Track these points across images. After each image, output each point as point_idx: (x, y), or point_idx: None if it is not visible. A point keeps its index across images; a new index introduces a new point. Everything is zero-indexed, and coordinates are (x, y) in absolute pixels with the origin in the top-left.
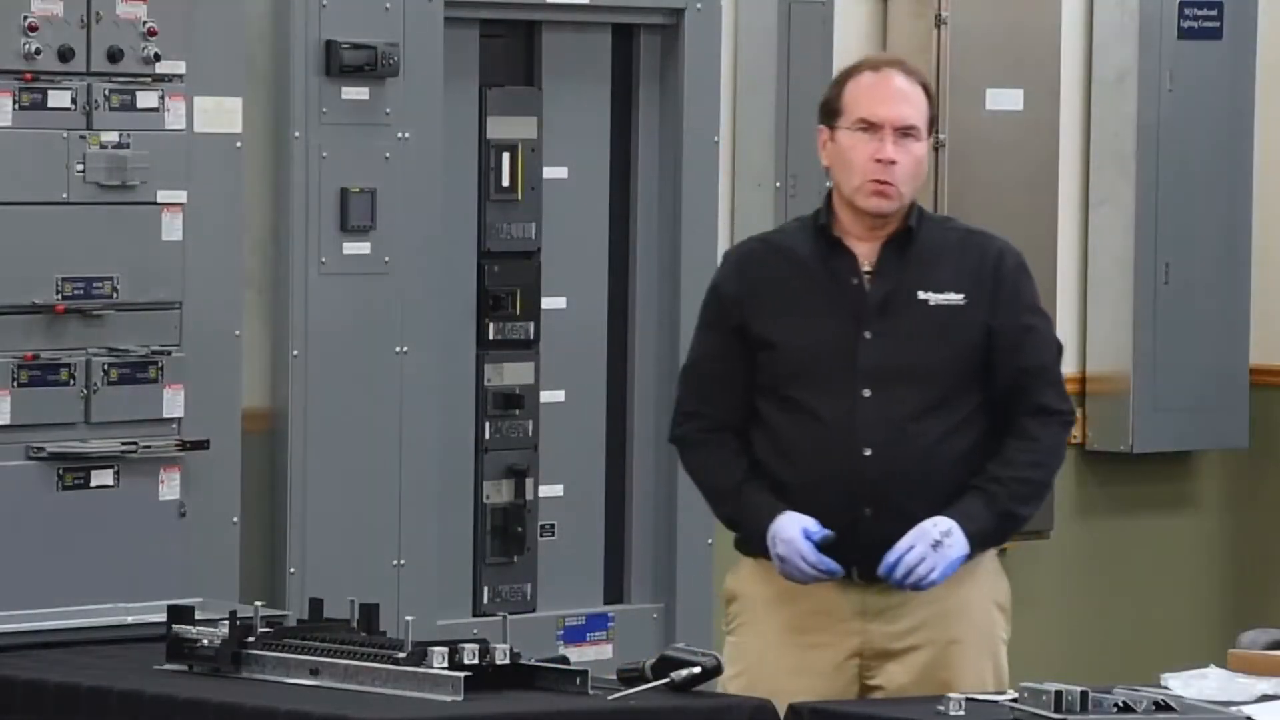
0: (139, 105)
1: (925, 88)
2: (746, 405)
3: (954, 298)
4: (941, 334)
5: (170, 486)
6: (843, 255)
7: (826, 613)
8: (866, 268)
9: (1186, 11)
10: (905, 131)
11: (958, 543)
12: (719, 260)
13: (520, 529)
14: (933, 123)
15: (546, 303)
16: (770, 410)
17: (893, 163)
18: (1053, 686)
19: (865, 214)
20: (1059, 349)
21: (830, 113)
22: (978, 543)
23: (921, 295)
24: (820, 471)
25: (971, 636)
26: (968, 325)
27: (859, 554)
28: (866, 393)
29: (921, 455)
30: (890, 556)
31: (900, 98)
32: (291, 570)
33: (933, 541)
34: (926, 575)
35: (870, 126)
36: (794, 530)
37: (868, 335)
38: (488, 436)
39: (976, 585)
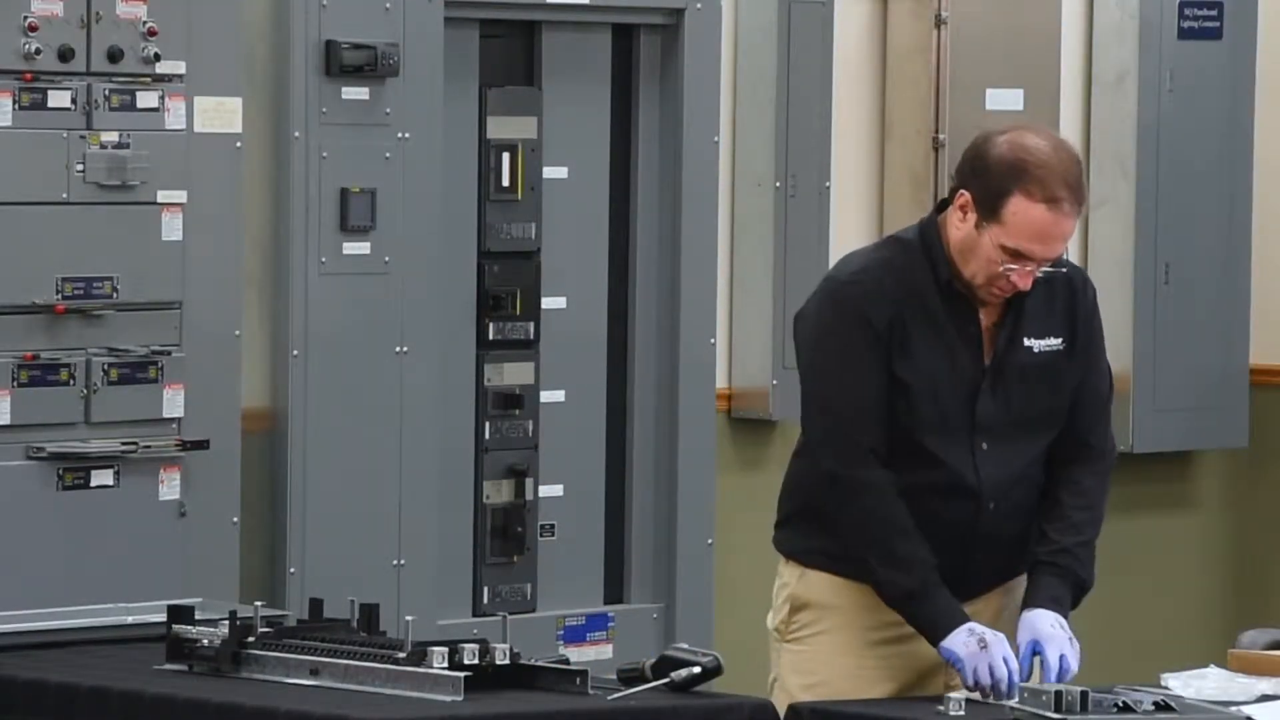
0: (139, 105)
1: (1082, 207)
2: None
3: (1054, 343)
4: (1049, 381)
5: (170, 486)
6: (962, 303)
7: None
8: (984, 318)
9: (1186, 11)
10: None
11: (1067, 644)
12: (720, 258)
13: (520, 529)
14: None
15: (546, 303)
16: (901, 453)
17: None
18: (1053, 687)
19: None
20: (1111, 383)
21: (988, 205)
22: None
23: (1027, 343)
24: (940, 519)
25: (1042, 635)
26: (1070, 369)
27: (965, 589)
28: (984, 445)
29: (1028, 498)
30: (1054, 677)
31: (1062, 238)
32: (291, 570)
33: (1068, 638)
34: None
35: (1021, 256)
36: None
37: (984, 387)
38: (488, 436)
39: None
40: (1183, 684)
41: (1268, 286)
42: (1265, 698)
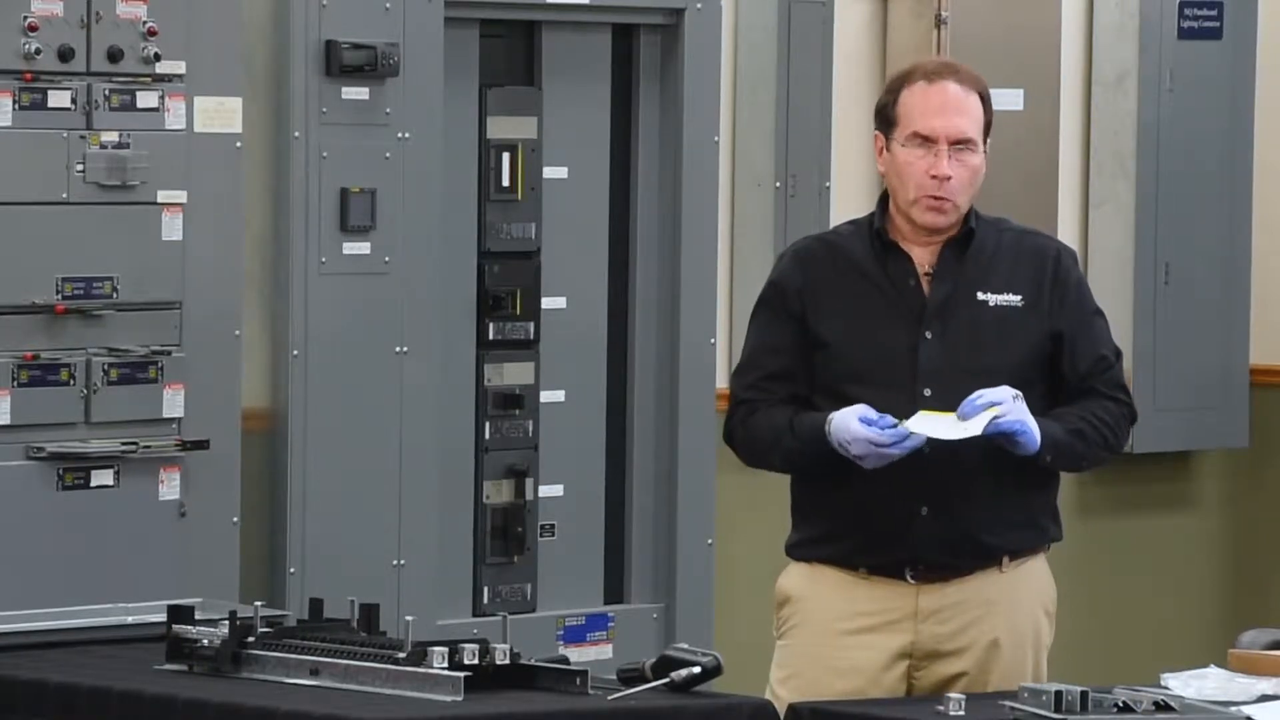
0: (139, 105)
1: (981, 95)
2: (807, 401)
3: (1012, 299)
4: (1001, 335)
5: (170, 486)
6: (899, 258)
7: (879, 614)
8: (925, 270)
9: (1186, 11)
10: (961, 144)
11: (1025, 410)
12: (720, 258)
13: (520, 529)
14: (988, 128)
15: (546, 303)
16: (830, 407)
17: (948, 178)
18: (1053, 686)
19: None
20: (1118, 352)
21: (885, 121)
22: (1046, 442)
23: (981, 296)
24: (879, 472)
25: (1017, 639)
26: (1028, 327)
27: (914, 552)
28: (927, 392)
29: (981, 456)
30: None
31: (955, 109)
32: (291, 570)
33: (1012, 394)
34: (1004, 411)
35: (925, 140)
36: (855, 428)
37: (928, 335)
38: (488, 436)
39: (1026, 588)
40: (1183, 684)
41: (1268, 286)
42: (1265, 698)
